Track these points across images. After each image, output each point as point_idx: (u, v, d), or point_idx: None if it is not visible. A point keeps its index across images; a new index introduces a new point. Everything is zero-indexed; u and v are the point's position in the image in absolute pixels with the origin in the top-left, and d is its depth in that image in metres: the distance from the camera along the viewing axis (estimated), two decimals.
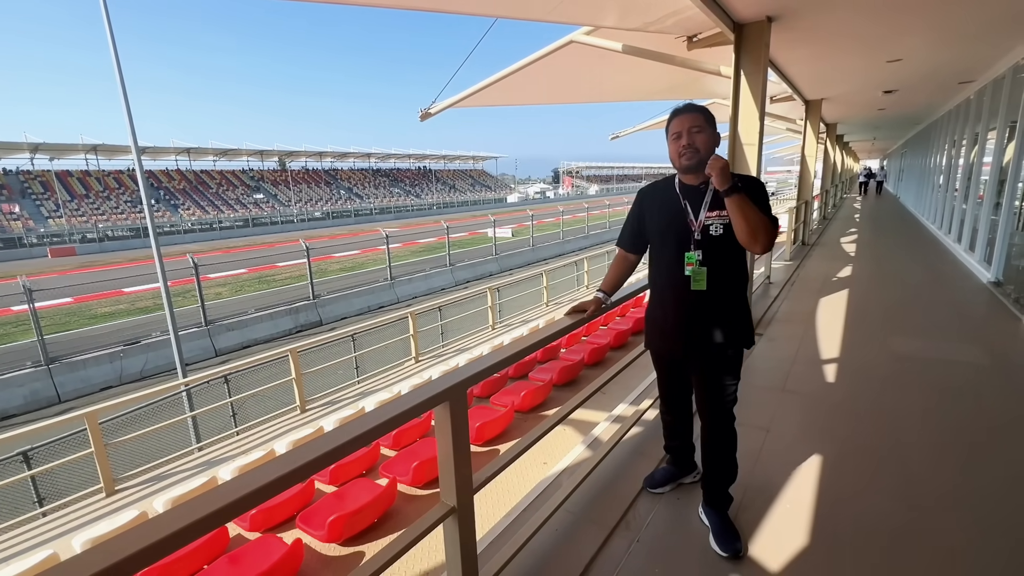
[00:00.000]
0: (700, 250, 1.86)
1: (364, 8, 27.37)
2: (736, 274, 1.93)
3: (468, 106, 7.68)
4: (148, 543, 0.83)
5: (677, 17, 4.43)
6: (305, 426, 6.54)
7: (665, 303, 2.03)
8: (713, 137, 1.86)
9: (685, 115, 1.86)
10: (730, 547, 1.99)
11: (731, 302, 1.92)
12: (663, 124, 1.96)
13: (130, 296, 20.00)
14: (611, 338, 6.82)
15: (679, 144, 1.86)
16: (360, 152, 67.00)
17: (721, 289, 1.89)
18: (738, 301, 1.94)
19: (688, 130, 1.84)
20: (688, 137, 1.84)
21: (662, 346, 2.12)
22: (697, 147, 1.83)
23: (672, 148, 1.90)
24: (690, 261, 1.87)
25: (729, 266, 1.89)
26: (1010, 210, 6.17)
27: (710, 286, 1.87)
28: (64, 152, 45.85)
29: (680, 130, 1.86)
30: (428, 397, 1.39)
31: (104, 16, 9.57)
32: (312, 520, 3.54)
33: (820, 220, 13.76)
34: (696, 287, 1.88)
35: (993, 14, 4.83)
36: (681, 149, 1.85)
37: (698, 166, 1.85)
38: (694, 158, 1.84)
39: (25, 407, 11.94)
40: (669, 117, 1.92)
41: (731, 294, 1.92)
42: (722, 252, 1.86)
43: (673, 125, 1.89)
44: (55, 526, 4.84)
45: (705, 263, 1.86)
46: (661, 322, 2.07)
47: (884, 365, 4.07)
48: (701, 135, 1.84)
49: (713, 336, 1.92)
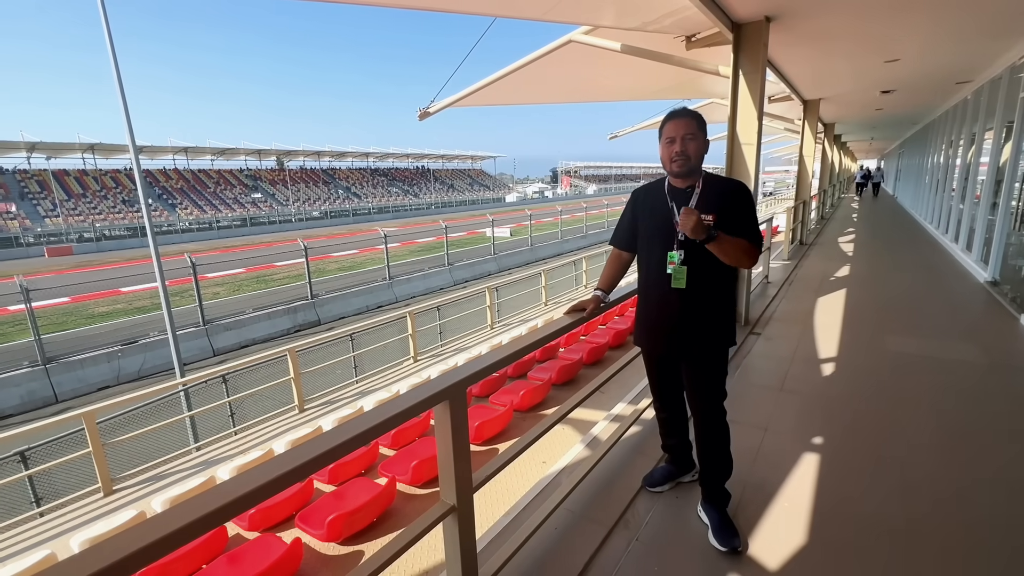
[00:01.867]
0: (682, 250, 1.91)
1: (362, 7, 27.12)
2: (719, 275, 1.96)
3: (467, 105, 7.67)
4: (147, 542, 0.83)
5: (675, 17, 4.43)
6: (303, 426, 6.54)
7: (649, 301, 2.08)
8: (704, 144, 1.92)
9: (680, 120, 1.90)
10: (729, 543, 2.00)
11: (712, 301, 1.97)
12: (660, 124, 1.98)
13: (127, 296, 19.94)
14: (610, 337, 6.83)
15: (672, 149, 1.90)
16: (358, 151, 66.97)
17: (702, 288, 1.94)
18: (720, 300, 1.99)
19: (682, 137, 1.88)
20: (681, 144, 1.88)
21: (648, 343, 2.18)
22: (689, 155, 1.89)
23: (664, 151, 1.94)
24: (672, 260, 1.93)
25: (711, 266, 1.92)
26: (1007, 210, 6.19)
27: (690, 285, 1.92)
28: (61, 151, 45.70)
29: (674, 135, 1.90)
30: (428, 396, 1.39)
31: (102, 16, 9.54)
32: (311, 519, 3.53)
33: (818, 220, 13.79)
34: (676, 285, 1.93)
35: (990, 15, 4.84)
36: (673, 155, 1.90)
37: (688, 173, 1.92)
38: (685, 165, 1.90)
39: (22, 407, 11.89)
40: (664, 119, 1.95)
41: (712, 293, 1.96)
42: (704, 253, 1.88)
43: (667, 129, 1.92)
44: (52, 526, 4.82)
45: (686, 262, 1.91)
46: (645, 319, 2.12)
47: (882, 364, 4.09)
48: (694, 143, 1.89)
49: (693, 334, 1.98)
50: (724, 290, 2.01)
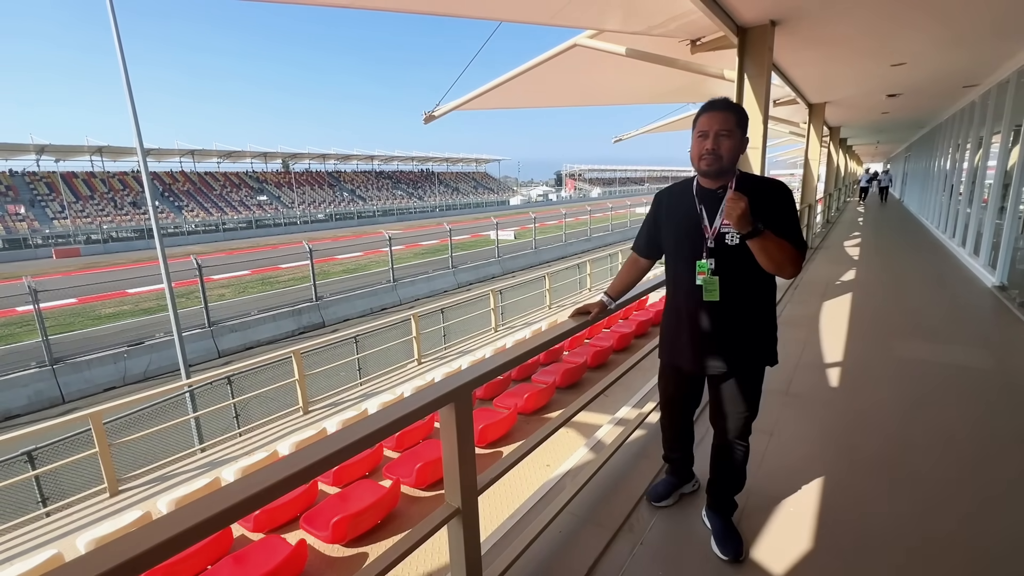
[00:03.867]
0: (713, 259, 1.73)
1: (368, 11, 27.54)
2: (757, 286, 1.76)
3: (472, 108, 7.70)
4: (154, 543, 0.83)
5: (681, 21, 4.44)
6: (308, 427, 6.56)
7: (679, 313, 1.90)
8: (741, 143, 1.70)
9: (716, 113, 1.68)
10: (731, 550, 1.98)
11: (750, 316, 1.78)
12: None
13: (134, 297, 20.08)
14: (614, 341, 6.82)
15: (703, 145, 1.69)
16: (363, 154, 67.25)
17: (738, 301, 1.75)
18: (759, 315, 1.80)
19: (716, 133, 1.67)
20: (714, 141, 1.67)
21: (674, 358, 2.00)
22: (720, 154, 1.67)
23: (695, 146, 1.73)
24: (701, 270, 1.74)
25: (747, 277, 1.73)
26: (1015, 214, 6.15)
27: (724, 297, 1.74)
28: (69, 153, 46.10)
29: (707, 130, 1.68)
30: (434, 398, 1.39)
31: (111, 19, 9.63)
32: (316, 521, 3.54)
33: (823, 224, 13.73)
34: (708, 298, 1.75)
35: (998, 18, 4.82)
36: (704, 152, 1.69)
37: (717, 174, 1.72)
38: (715, 165, 1.69)
39: (29, 407, 11.98)
40: (699, 110, 1.74)
41: (750, 307, 1.78)
42: (738, 262, 1.70)
43: (701, 122, 1.71)
44: (59, 526, 4.85)
45: (718, 272, 1.73)
46: (674, 333, 1.95)
47: (888, 369, 4.06)
48: (728, 141, 1.67)
49: (728, 352, 1.80)
50: (764, 302, 1.81)
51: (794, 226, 1.68)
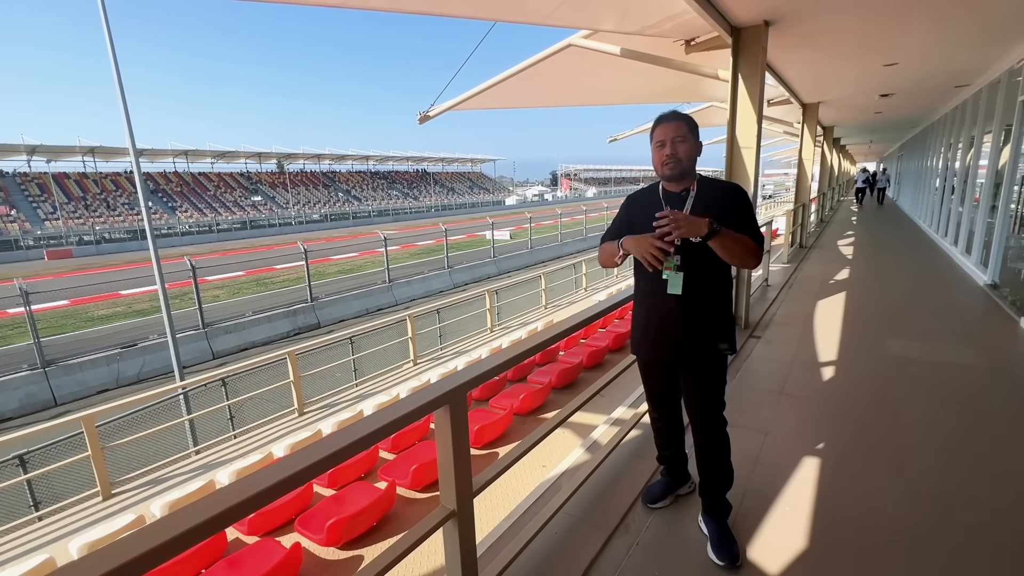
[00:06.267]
0: (679, 255, 1.88)
1: (361, 11, 27.58)
2: (716, 280, 1.94)
3: (467, 109, 7.69)
4: (147, 548, 0.82)
5: (675, 21, 4.45)
6: (303, 429, 6.53)
7: (646, 308, 2.05)
8: (695, 147, 1.90)
9: (670, 123, 1.89)
10: (727, 556, 1.98)
11: (710, 308, 1.94)
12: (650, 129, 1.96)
13: (127, 298, 19.94)
14: (609, 341, 6.83)
15: (663, 153, 1.89)
16: (359, 154, 67.13)
17: (699, 295, 1.91)
18: (717, 307, 1.97)
19: (672, 140, 1.87)
20: (671, 147, 1.87)
21: (644, 351, 2.13)
22: (680, 157, 1.87)
23: (656, 156, 1.93)
24: (668, 266, 1.89)
25: (709, 272, 1.90)
26: (1006, 213, 6.20)
27: (686, 291, 1.89)
28: (61, 154, 45.77)
29: (664, 139, 1.89)
30: (429, 400, 1.39)
31: (103, 21, 9.57)
32: (311, 524, 3.53)
33: (817, 223, 13.81)
34: (672, 291, 1.90)
35: (989, 18, 4.86)
36: (664, 159, 1.89)
37: (679, 176, 1.90)
38: (676, 168, 1.88)
39: (21, 410, 11.88)
40: (653, 124, 1.94)
41: (710, 300, 1.94)
42: (701, 258, 1.86)
43: (657, 133, 1.91)
44: (51, 530, 4.81)
45: (683, 268, 1.88)
46: (642, 327, 2.08)
47: (882, 368, 4.09)
48: (684, 145, 1.87)
49: (691, 341, 1.95)
50: (722, 296, 1.99)
51: (751, 222, 1.88)
